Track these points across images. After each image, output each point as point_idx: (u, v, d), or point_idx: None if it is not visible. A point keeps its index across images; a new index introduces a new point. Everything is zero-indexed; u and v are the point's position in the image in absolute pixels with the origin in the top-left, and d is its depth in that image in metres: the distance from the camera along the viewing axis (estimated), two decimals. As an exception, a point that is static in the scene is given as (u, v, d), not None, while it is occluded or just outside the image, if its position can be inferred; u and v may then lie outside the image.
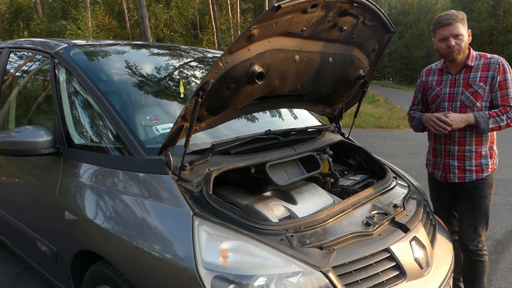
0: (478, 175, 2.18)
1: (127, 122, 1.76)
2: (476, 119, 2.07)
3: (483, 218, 2.20)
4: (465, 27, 2.12)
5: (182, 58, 2.70)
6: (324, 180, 2.09)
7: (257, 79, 1.58)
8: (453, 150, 2.22)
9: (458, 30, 2.08)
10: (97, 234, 1.65)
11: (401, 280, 1.51)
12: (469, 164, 2.19)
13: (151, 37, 12.53)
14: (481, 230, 2.21)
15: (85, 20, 19.32)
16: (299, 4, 1.46)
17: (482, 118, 2.06)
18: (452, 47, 2.10)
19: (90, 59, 2.20)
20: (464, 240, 2.25)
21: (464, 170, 2.20)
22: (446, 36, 2.11)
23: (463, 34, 2.09)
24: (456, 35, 2.09)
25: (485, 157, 2.19)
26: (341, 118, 2.52)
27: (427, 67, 2.43)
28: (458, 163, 2.21)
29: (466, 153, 2.19)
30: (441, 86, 2.25)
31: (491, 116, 2.06)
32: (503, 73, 2.09)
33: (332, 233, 1.54)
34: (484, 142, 2.18)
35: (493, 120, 2.06)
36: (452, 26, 2.08)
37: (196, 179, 1.56)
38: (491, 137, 2.20)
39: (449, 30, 2.09)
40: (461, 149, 2.20)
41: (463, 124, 2.09)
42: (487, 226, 2.24)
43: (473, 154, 2.18)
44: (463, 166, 2.20)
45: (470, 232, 2.22)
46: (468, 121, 2.08)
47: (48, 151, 1.86)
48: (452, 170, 2.24)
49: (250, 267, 1.32)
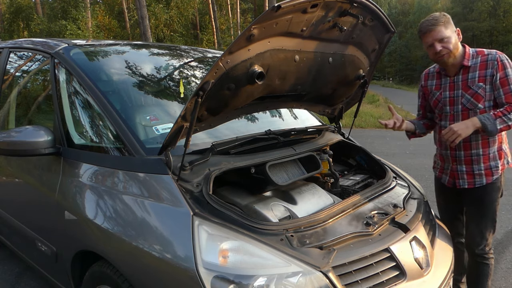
0: (489, 179, 2.10)
1: (127, 122, 1.76)
2: (482, 122, 1.93)
3: (490, 222, 2.14)
4: (450, 28, 2.02)
5: (182, 58, 2.70)
6: (324, 180, 2.09)
7: (257, 79, 1.58)
8: (459, 155, 2.14)
9: (441, 34, 1.99)
10: (97, 234, 1.65)
11: (401, 280, 1.51)
12: (477, 168, 2.10)
13: (151, 37, 12.52)
14: (488, 234, 2.15)
15: (85, 20, 19.32)
16: (299, 4, 1.46)
17: (488, 120, 1.93)
18: (439, 52, 2.02)
19: (90, 59, 2.20)
20: (470, 243, 2.19)
21: (473, 175, 2.12)
22: (430, 42, 2.03)
23: (448, 36, 2.00)
24: (440, 39, 2.00)
25: (494, 159, 2.10)
26: (341, 118, 2.52)
27: (426, 70, 2.36)
28: (466, 168, 2.13)
29: (473, 157, 2.10)
30: (440, 90, 2.17)
31: (497, 116, 1.93)
32: (502, 69, 1.99)
33: (332, 233, 1.54)
34: (492, 144, 2.09)
35: (500, 120, 1.93)
36: (434, 32, 2.00)
37: (196, 179, 1.56)
38: (499, 137, 2.10)
39: (431, 36, 2.01)
40: (468, 154, 2.11)
41: (471, 130, 1.95)
42: (494, 229, 2.18)
43: (480, 157, 2.09)
44: (472, 170, 2.12)
45: (476, 236, 2.15)
46: (474, 126, 1.94)
47: (48, 151, 1.86)
48: (461, 176, 2.15)
49: (250, 267, 1.32)
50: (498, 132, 1.97)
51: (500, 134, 2.09)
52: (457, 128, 1.95)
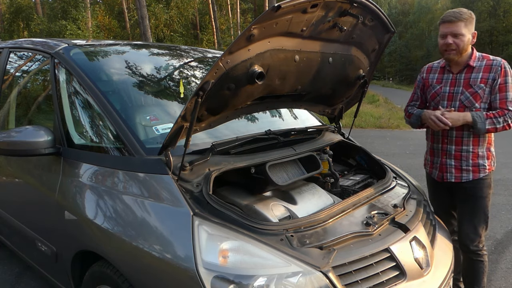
0: (475, 175, 2.18)
1: (127, 122, 1.76)
2: (473, 118, 2.07)
3: (482, 218, 2.20)
4: (469, 27, 2.07)
5: (182, 58, 2.70)
6: (324, 180, 2.08)
7: (257, 79, 1.58)
8: (450, 150, 2.22)
9: (458, 29, 2.05)
10: (97, 234, 1.65)
11: (401, 280, 1.51)
12: (465, 164, 2.19)
13: (151, 37, 12.52)
14: (480, 230, 2.21)
15: (85, 20, 19.33)
16: (299, 4, 1.46)
17: (479, 118, 2.06)
18: (449, 45, 2.08)
19: (90, 59, 2.20)
20: (464, 240, 2.25)
21: (460, 170, 2.21)
22: (445, 33, 2.09)
23: (464, 34, 2.06)
24: (455, 34, 2.06)
25: (482, 157, 2.18)
26: (341, 118, 2.52)
27: (429, 64, 2.41)
28: (455, 163, 2.22)
29: (463, 153, 2.19)
30: (441, 84, 2.24)
31: (488, 117, 2.07)
32: (504, 75, 2.08)
33: (332, 233, 1.54)
34: (481, 143, 2.18)
35: (490, 121, 2.06)
36: (453, 24, 2.05)
37: (196, 179, 1.56)
38: (488, 138, 2.20)
39: (448, 28, 2.07)
40: (458, 149, 2.20)
41: (460, 123, 2.09)
42: (487, 226, 2.24)
43: (470, 154, 2.18)
44: (460, 165, 2.20)
45: (470, 233, 2.21)
46: (466, 120, 2.08)
47: (48, 151, 1.86)
48: (449, 170, 2.24)
49: (250, 267, 1.33)
50: (485, 132, 2.10)
51: (490, 136, 2.19)
52: (449, 116, 2.08)
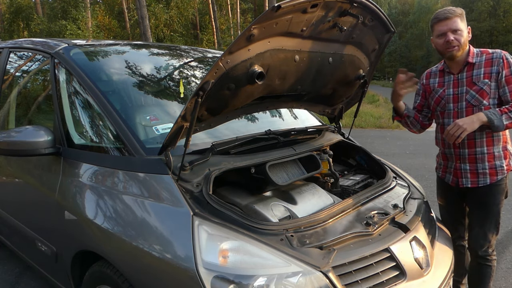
0: (493, 178, 2.06)
1: (127, 122, 1.76)
2: (488, 117, 1.91)
3: (493, 224, 2.11)
4: (464, 23, 2.03)
5: (182, 58, 2.70)
6: (324, 180, 2.09)
7: (257, 79, 1.58)
8: (463, 153, 2.09)
9: (456, 24, 1.99)
10: (97, 234, 1.65)
11: (401, 280, 1.51)
12: (482, 167, 2.06)
13: (151, 37, 12.53)
14: (490, 236, 2.12)
15: (85, 20, 19.33)
16: (299, 4, 1.46)
17: (494, 115, 1.91)
18: (451, 42, 2.00)
19: (90, 59, 2.20)
20: (474, 246, 2.16)
21: (477, 174, 2.08)
22: (444, 31, 2.01)
23: (462, 29, 2.01)
24: (454, 30, 2.00)
25: (499, 158, 2.06)
26: (341, 118, 2.52)
27: (427, 70, 2.34)
28: (470, 167, 2.09)
29: (477, 155, 2.06)
30: (444, 87, 2.15)
31: (503, 112, 1.91)
32: (508, 67, 1.98)
33: (332, 233, 1.54)
34: (496, 142, 2.05)
35: (506, 116, 1.90)
36: (450, 21, 1.99)
37: (196, 179, 1.56)
38: (503, 136, 2.07)
39: (447, 25, 2.00)
40: (472, 152, 2.07)
41: (476, 125, 1.92)
42: (498, 231, 2.15)
43: (485, 156, 2.05)
44: (476, 169, 2.07)
45: (480, 238, 2.13)
46: (480, 120, 1.92)
47: (48, 151, 1.86)
48: (464, 175, 2.11)
49: (250, 267, 1.33)
50: (504, 129, 1.94)
51: (504, 133, 2.07)
52: (463, 122, 1.92)
